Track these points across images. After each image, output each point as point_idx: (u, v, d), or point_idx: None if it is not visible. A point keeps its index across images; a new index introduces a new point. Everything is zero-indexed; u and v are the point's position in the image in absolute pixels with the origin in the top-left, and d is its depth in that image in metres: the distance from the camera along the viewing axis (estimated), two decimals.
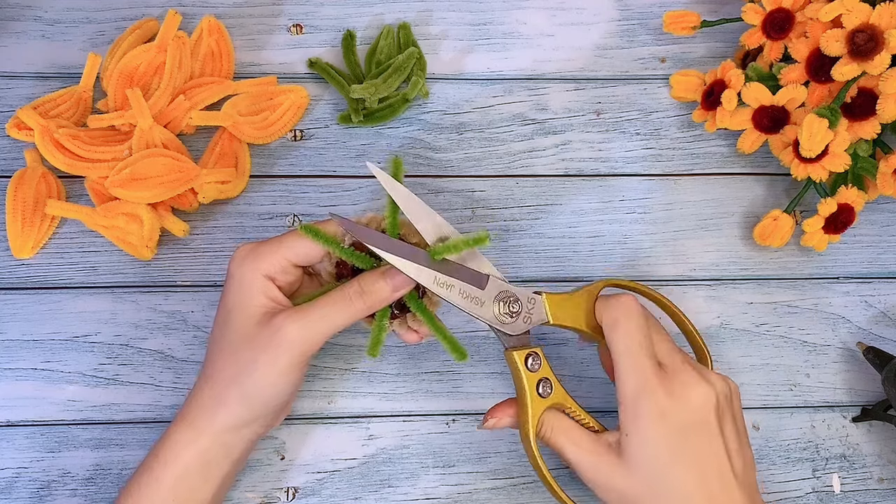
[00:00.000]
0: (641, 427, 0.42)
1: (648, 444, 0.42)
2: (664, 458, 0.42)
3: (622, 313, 0.44)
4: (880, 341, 0.55)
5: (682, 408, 0.42)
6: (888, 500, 0.52)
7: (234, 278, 0.43)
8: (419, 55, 0.57)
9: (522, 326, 0.45)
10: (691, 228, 0.56)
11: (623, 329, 0.43)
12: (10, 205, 0.52)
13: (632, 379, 0.43)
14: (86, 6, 0.58)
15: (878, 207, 0.57)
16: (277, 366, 0.42)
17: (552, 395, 0.44)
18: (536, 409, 0.44)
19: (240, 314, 0.43)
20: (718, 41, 0.60)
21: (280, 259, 0.43)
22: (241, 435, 0.43)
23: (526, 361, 0.44)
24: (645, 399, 0.42)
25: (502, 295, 0.44)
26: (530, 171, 0.57)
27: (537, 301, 0.45)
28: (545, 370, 0.44)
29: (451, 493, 0.51)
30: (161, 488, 0.42)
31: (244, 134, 0.55)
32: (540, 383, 0.44)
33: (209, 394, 0.43)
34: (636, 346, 0.43)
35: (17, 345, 0.51)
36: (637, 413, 0.42)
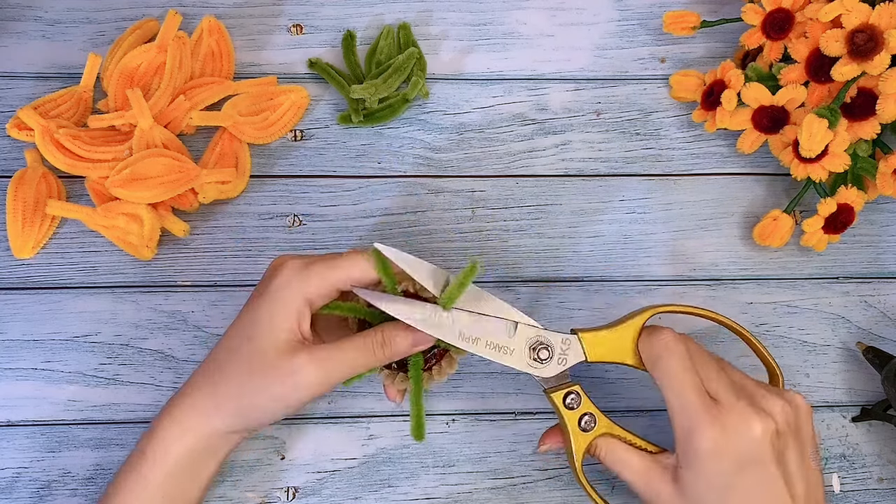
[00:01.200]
0: (695, 463, 0.42)
1: (702, 479, 0.42)
2: (718, 493, 0.41)
3: (662, 350, 0.43)
4: (880, 341, 0.55)
5: (736, 444, 0.41)
6: (888, 499, 0.52)
7: (274, 294, 0.42)
8: (419, 55, 0.57)
9: (557, 368, 0.45)
10: (691, 228, 0.56)
11: (664, 366, 0.43)
12: (10, 205, 0.52)
13: (683, 415, 0.42)
14: (86, 6, 0.58)
15: (877, 207, 0.57)
16: (286, 402, 0.42)
17: (596, 429, 0.44)
18: (580, 444, 0.44)
19: (266, 336, 0.42)
20: (718, 41, 0.60)
21: (329, 285, 0.42)
22: (228, 439, 0.43)
23: (564, 401, 0.45)
24: (698, 436, 0.42)
25: (532, 341, 0.44)
26: (530, 171, 0.57)
27: (573, 341, 0.45)
28: (586, 405, 0.45)
29: (451, 493, 0.51)
30: (149, 486, 0.42)
31: (244, 134, 0.55)
32: (583, 419, 0.44)
33: (207, 398, 0.43)
34: (679, 383, 0.42)
35: (17, 345, 0.52)
36: (691, 449, 0.42)
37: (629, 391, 0.53)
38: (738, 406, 0.42)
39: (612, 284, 0.55)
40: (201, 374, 0.44)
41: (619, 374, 0.53)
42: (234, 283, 0.53)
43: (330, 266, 0.42)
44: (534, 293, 0.54)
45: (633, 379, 0.53)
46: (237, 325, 0.44)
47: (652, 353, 0.44)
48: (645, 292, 0.55)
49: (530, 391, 0.52)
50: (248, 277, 0.53)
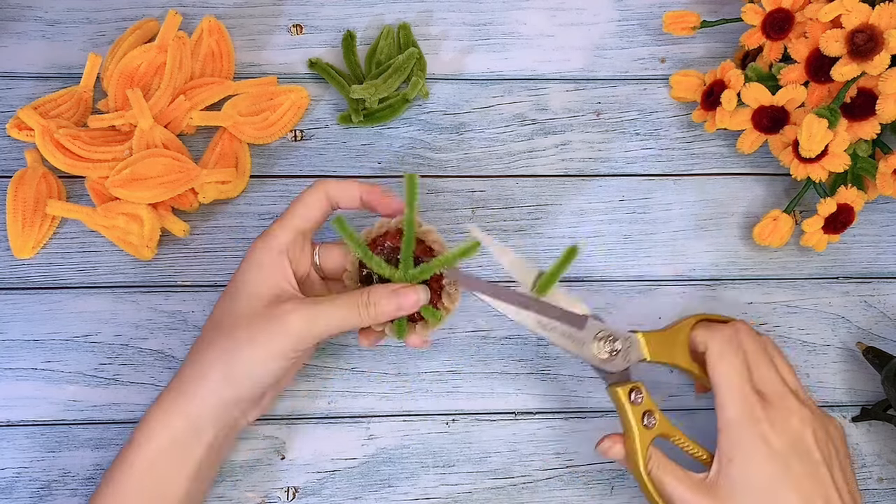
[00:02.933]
0: (744, 454, 0.42)
1: (752, 469, 0.42)
2: (768, 482, 0.42)
3: (727, 345, 0.45)
4: (880, 341, 0.55)
5: (783, 434, 0.43)
6: (888, 500, 0.52)
7: (249, 259, 0.45)
8: (419, 55, 0.57)
9: (622, 364, 0.46)
10: (691, 228, 0.56)
11: (726, 360, 0.45)
12: (10, 205, 0.52)
13: (733, 408, 0.44)
14: (86, 6, 0.58)
15: (877, 207, 0.57)
16: (272, 348, 0.42)
17: (657, 426, 0.45)
18: (644, 440, 0.45)
19: (250, 291, 0.44)
20: (718, 41, 0.60)
21: (290, 229, 0.45)
22: (214, 419, 0.43)
23: (630, 396, 0.45)
24: (747, 426, 0.43)
25: (602, 335, 0.46)
26: (530, 171, 0.57)
27: (633, 339, 0.47)
28: (648, 403, 0.46)
29: (451, 493, 0.51)
30: (134, 473, 0.42)
31: (244, 134, 0.55)
32: (644, 415, 0.45)
33: (192, 371, 0.43)
34: (737, 376, 0.44)
35: (17, 345, 0.52)
36: (739, 440, 0.43)
37: None
38: (785, 398, 0.44)
39: (612, 284, 0.55)
40: (189, 355, 0.44)
41: None
42: None
43: (286, 215, 0.45)
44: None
45: None
46: (221, 298, 0.45)
47: (716, 347, 0.45)
48: (645, 292, 0.55)
49: (530, 391, 0.52)
50: None
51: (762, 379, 0.45)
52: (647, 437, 0.45)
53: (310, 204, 0.45)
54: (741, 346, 0.46)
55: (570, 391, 0.53)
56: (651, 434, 0.45)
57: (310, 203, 0.45)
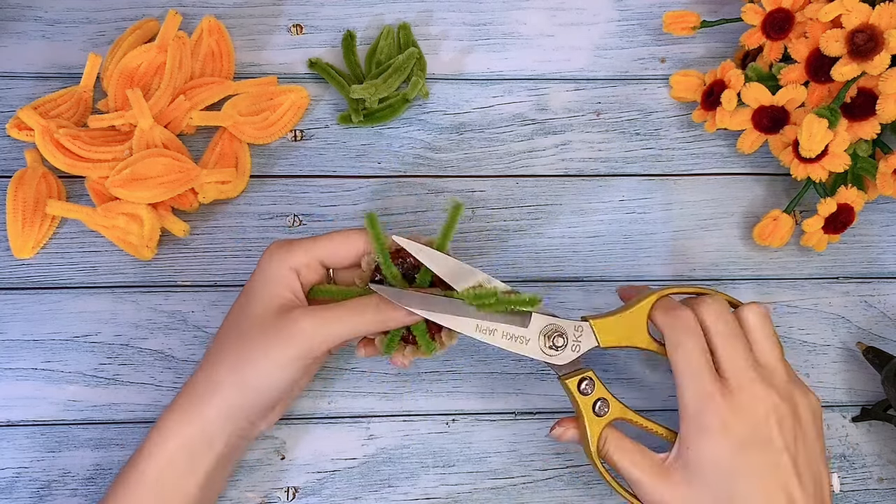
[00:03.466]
0: (704, 440, 0.42)
1: (711, 457, 0.42)
2: (727, 471, 0.41)
3: (683, 332, 0.44)
4: (880, 341, 0.55)
5: (744, 421, 0.42)
6: (888, 499, 0.52)
7: (261, 268, 0.45)
8: (419, 55, 0.57)
9: (571, 355, 0.45)
10: (691, 228, 0.56)
11: (684, 348, 0.44)
12: (10, 205, 0.52)
13: (692, 393, 0.43)
14: (86, 6, 0.58)
15: (877, 207, 0.57)
16: (284, 355, 0.42)
17: (610, 413, 0.45)
18: (595, 429, 0.45)
19: (259, 302, 0.44)
20: (718, 41, 0.60)
21: (311, 256, 0.44)
22: (225, 427, 0.43)
23: (579, 387, 0.45)
24: (707, 412, 0.42)
25: (547, 329, 0.45)
26: (530, 171, 0.57)
27: (585, 328, 0.46)
28: (599, 391, 0.45)
29: (451, 493, 0.51)
30: (145, 481, 0.42)
31: (244, 134, 0.55)
32: (596, 404, 0.45)
33: (204, 379, 0.43)
34: (695, 363, 0.43)
35: (17, 345, 0.52)
36: (699, 426, 0.42)
37: (640, 383, 0.53)
38: (749, 385, 0.42)
39: (612, 284, 0.55)
40: (200, 363, 0.45)
41: (626, 364, 0.53)
42: (234, 283, 0.53)
43: (311, 241, 0.45)
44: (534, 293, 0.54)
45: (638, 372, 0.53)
46: (233, 306, 0.45)
47: (674, 336, 0.44)
48: None
49: (530, 391, 0.52)
50: (248, 277, 0.53)
51: (726, 363, 0.43)
52: (598, 424, 0.45)
53: (345, 243, 0.45)
54: (698, 327, 0.44)
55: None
56: (603, 421, 0.45)
57: (345, 242, 0.45)
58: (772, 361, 0.44)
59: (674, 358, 0.44)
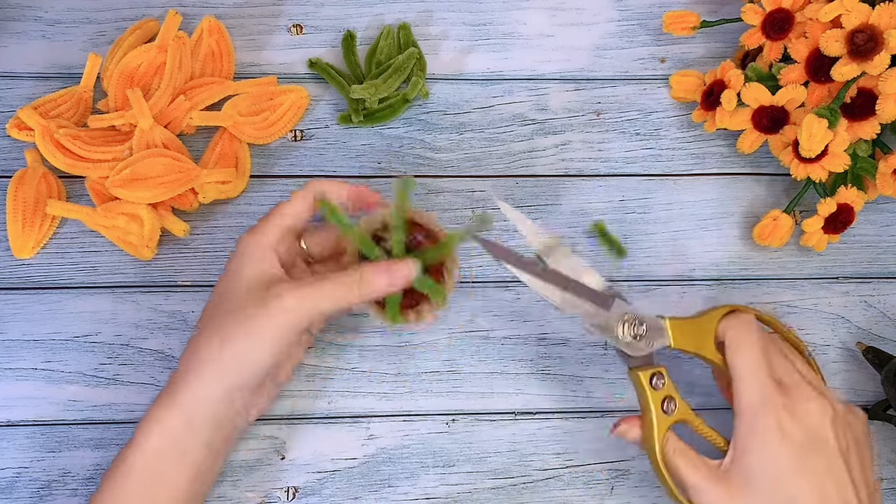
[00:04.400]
0: (760, 441, 0.42)
1: (767, 457, 0.42)
2: (783, 472, 0.42)
3: (744, 333, 0.45)
4: (880, 341, 0.55)
5: (800, 423, 0.42)
6: (888, 500, 0.52)
7: (237, 251, 0.45)
8: (419, 55, 0.57)
9: (645, 349, 0.46)
10: (691, 228, 0.56)
11: (744, 349, 0.44)
12: (10, 205, 0.52)
13: (751, 394, 0.43)
14: (86, 6, 0.58)
15: (877, 207, 0.57)
16: (267, 330, 0.42)
17: (676, 412, 0.45)
18: (662, 426, 0.45)
19: (240, 280, 0.44)
20: (718, 41, 0.60)
21: (279, 227, 0.45)
22: (207, 412, 0.43)
23: (651, 380, 0.45)
24: (763, 414, 0.42)
25: (628, 317, 0.46)
26: (530, 171, 0.57)
27: (659, 324, 0.46)
28: (669, 388, 0.45)
29: (451, 493, 0.51)
30: (132, 474, 0.42)
31: (244, 134, 0.55)
32: (664, 401, 0.45)
33: (185, 367, 0.43)
34: (755, 363, 0.44)
35: (17, 345, 0.52)
36: (755, 427, 0.42)
37: None
38: (802, 387, 0.43)
39: (613, 284, 0.55)
40: (185, 351, 0.44)
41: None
42: None
43: (273, 213, 0.46)
44: (534, 293, 0.54)
45: None
46: (214, 292, 0.46)
47: (734, 335, 0.45)
48: (645, 292, 0.55)
49: (530, 391, 0.52)
50: None
51: (781, 368, 0.44)
52: (665, 422, 0.45)
53: (297, 202, 0.46)
54: (761, 334, 0.45)
55: (570, 391, 0.53)
56: (670, 420, 0.45)
57: (297, 202, 0.46)
58: (813, 376, 0.46)
59: (736, 356, 0.44)
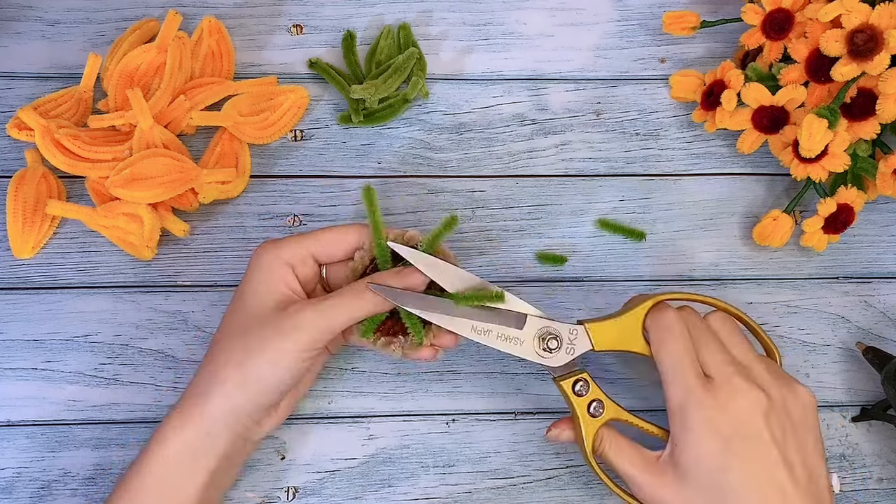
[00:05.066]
0: (691, 437, 0.42)
1: (697, 453, 0.42)
2: (714, 465, 0.42)
3: (666, 331, 0.45)
4: (880, 341, 0.55)
5: (729, 416, 0.42)
6: (888, 499, 0.52)
7: (255, 265, 0.45)
8: (419, 55, 0.57)
9: (566, 358, 0.46)
10: (691, 228, 0.56)
11: (666, 346, 0.44)
12: (10, 205, 0.52)
13: (678, 391, 0.43)
14: (86, 6, 0.58)
15: (877, 207, 0.57)
16: (286, 348, 0.42)
17: (604, 414, 0.46)
18: (590, 429, 0.45)
19: (257, 298, 0.44)
20: (718, 41, 0.60)
21: (303, 249, 0.45)
22: (228, 426, 0.43)
23: (573, 388, 0.46)
24: (692, 409, 0.43)
25: (542, 332, 0.46)
26: (530, 171, 0.57)
27: (579, 331, 0.46)
28: (594, 392, 0.46)
29: (451, 493, 0.51)
30: (148, 479, 0.42)
31: (244, 134, 0.55)
32: (591, 405, 0.46)
33: (205, 378, 0.43)
34: (678, 361, 0.44)
35: (17, 345, 0.52)
36: (685, 423, 0.43)
37: (631, 386, 0.53)
38: (732, 381, 0.43)
39: (612, 284, 0.55)
40: (203, 363, 0.45)
41: (621, 368, 0.53)
42: (234, 283, 0.53)
43: (301, 236, 0.46)
44: (534, 293, 0.54)
45: (632, 377, 0.53)
46: (230, 306, 0.46)
47: (657, 334, 0.45)
48: (645, 292, 0.55)
49: (530, 391, 0.52)
50: None
51: (708, 361, 0.44)
52: (593, 425, 0.45)
53: (337, 238, 0.46)
54: (684, 329, 0.45)
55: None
56: (598, 422, 0.45)
57: (337, 237, 0.46)
58: (747, 358, 0.45)
59: (658, 356, 0.45)
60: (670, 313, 0.45)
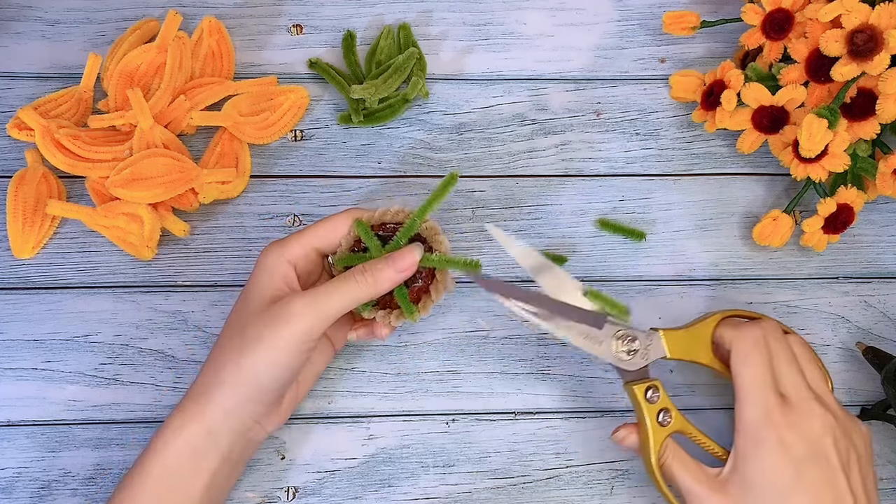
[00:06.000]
0: (760, 454, 0.43)
1: (766, 469, 0.42)
2: (781, 484, 0.42)
3: (753, 346, 0.45)
4: (880, 341, 0.55)
5: (802, 438, 0.43)
6: (888, 499, 0.52)
7: (259, 265, 0.45)
8: (419, 55, 0.57)
9: (641, 362, 0.47)
10: (691, 228, 0.56)
11: (752, 360, 0.45)
12: (10, 205, 0.52)
13: (753, 410, 0.44)
14: (86, 6, 0.58)
15: (877, 207, 0.57)
16: (280, 341, 0.42)
17: (672, 424, 0.46)
18: (657, 437, 0.46)
19: (256, 296, 0.44)
20: (718, 41, 0.60)
21: (306, 244, 0.45)
22: (228, 424, 0.43)
23: (646, 394, 0.46)
24: (765, 427, 0.43)
25: (620, 333, 0.46)
26: (530, 171, 0.57)
27: (654, 336, 0.47)
28: (664, 401, 0.46)
29: (451, 493, 0.51)
30: (149, 479, 0.42)
31: (244, 134, 0.55)
32: (660, 413, 0.46)
33: (207, 378, 0.44)
34: (760, 378, 0.44)
35: (17, 345, 0.52)
36: (757, 440, 0.43)
37: None
38: (806, 403, 0.44)
39: (612, 284, 0.55)
40: (205, 363, 0.45)
41: None
42: (234, 283, 0.53)
43: (303, 232, 0.46)
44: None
45: None
46: (233, 309, 0.46)
47: (743, 347, 0.45)
48: (645, 292, 0.55)
49: (530, 391, 0.52)
50: (248, 277, 0.53)
51: (786, 381, 0.44)
52: (661, 434, 0.45)
53: (333, 227, 0.46)
54: (766, 347, 0.45)
55: (569, 391, 0.53)
56: (666, 431, 0.45)
57: (334, 226, 0.46)
58: (822, 387, 0.46)
59: (740, 370, 0.45)
60: (757, 331, 0.46)
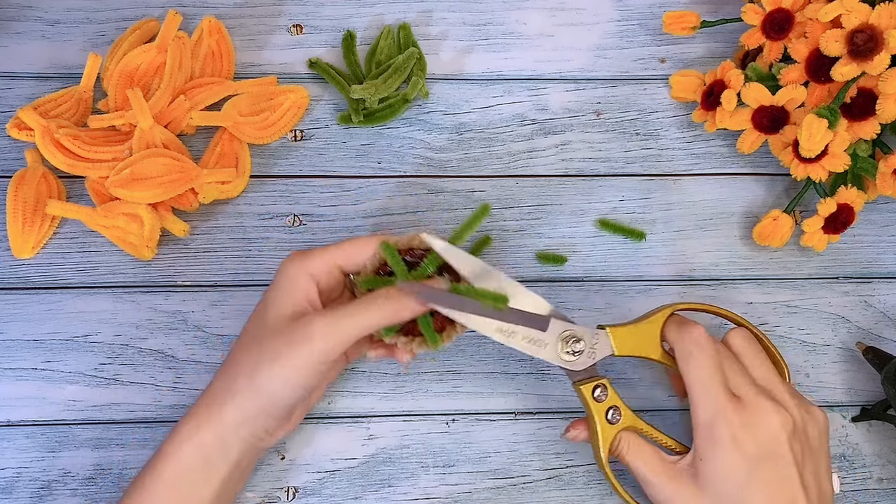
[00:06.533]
0: (716, 452, 0.43)
1: (721, 469, 0.43)
2: (737, 483, 0.42)
3: (694, 346, 0.45)
4: (880, 341, 0.55)
5: (754, 437, 0.43)
6: (887, 499, 0.52)
7: (279, 276, 0.45)
8: (419, 55, 0.57)
9: (588, 361, 0.46)
10: (691, 228, 0.56)
11: (696, 361, 0.45)
12: (10, 205, 0.52)
13: (706, 407, 0.44)
14: (86, 6, 0.58)
15: (877, 207, 0.57)
16: (298, 359, 0.42)
17: (621, 421, 0.46)
18: (607, 435, 0.46)
19: (275, 309, 0.43)
20: (718, 41, 0.60)
21: (329, 261, 0.44)
22: (239, 434, 0.43)
23: (593, 393, 0.46)
24: (719, 426, 0.43)
25: (565, 335, 0.46)
26: (530, 171, 0.57)
27: (601, 335, 0.47)
28: (613, 398, 0.46)
29: (451, 493, 0.51)
30: (160, 484, 0.42)
31: (244, 134, 0.55)
32: (609, 411, 0.46)
33: (220, 386, 0.43)
34: (709, 377, 0.44)
35: (17, 345, 0.52)
36: (712, 438, 0.43)
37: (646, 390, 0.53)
38: (758, 401, 0.44)
39: (612, 284, 0.55)
40: (220, 370, 0.45)
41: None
42: (234, 283, 0.53)
43: (329, 247, 0.45)
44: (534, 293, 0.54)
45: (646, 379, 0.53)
46: (251, 317, 0.45)
47: (684, 347, 0.45)
48: (645, 292, 0.55)
49: (530, 391, 0.52)
50: (248, 277, 0.53)
51: (735, 380, 0.45)
52: (610, 431, 0.46)
53: (360, 247, 0.45)
54: (713, 346, 0.45)
55: (569, 391, 0.53)
56: (615, 429, 0.46)
57: (360, 246, 0.45)
58: (768, 379, 0.46)
59: (686, 370, 0.45)
60: (699, 328, 0.45)
